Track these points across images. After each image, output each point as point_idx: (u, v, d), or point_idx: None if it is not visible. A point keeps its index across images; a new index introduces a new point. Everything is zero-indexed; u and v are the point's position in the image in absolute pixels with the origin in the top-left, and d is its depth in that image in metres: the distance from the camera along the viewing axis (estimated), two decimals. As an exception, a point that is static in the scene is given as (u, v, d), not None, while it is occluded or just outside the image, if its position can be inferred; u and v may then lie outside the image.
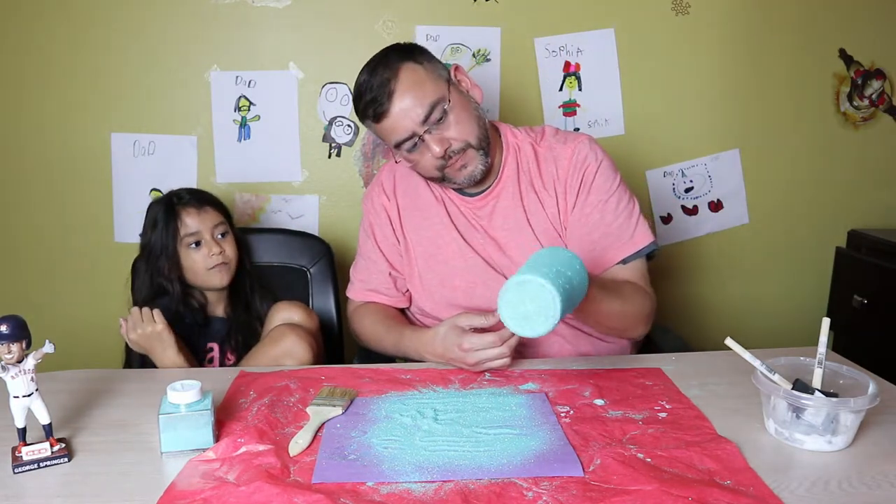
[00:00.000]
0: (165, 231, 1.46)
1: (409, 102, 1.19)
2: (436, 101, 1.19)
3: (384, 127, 1.22)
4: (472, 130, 1.23)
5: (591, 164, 1.29)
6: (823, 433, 0.89)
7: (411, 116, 1.19)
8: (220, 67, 1.90)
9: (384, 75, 1.20)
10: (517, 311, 0.94)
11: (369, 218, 1.44)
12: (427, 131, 1.20)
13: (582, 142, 1.31)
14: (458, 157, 1.23)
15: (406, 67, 1.20)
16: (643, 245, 1.28)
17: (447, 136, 1.21)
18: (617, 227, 1.28)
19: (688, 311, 2.12)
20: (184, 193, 1.52)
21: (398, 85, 1.19)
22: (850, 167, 2.08)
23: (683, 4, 1.94)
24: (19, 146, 1.91)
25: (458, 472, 0.84)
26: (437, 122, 1.20)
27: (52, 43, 1.86)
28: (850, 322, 1.99)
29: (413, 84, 1.19)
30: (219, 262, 1.48)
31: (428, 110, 1.19)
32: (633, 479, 0.81)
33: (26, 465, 0.87)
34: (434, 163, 1.23)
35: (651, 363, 1.21)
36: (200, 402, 0.91)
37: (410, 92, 1.19)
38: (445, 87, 1.22)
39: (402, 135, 1.21)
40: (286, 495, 0.78)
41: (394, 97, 1.19)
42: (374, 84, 1.21)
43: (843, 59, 2.01)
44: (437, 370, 1.18)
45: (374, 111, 1.21)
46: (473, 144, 1.23)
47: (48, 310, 1.97)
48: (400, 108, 1.19)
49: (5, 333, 0.84)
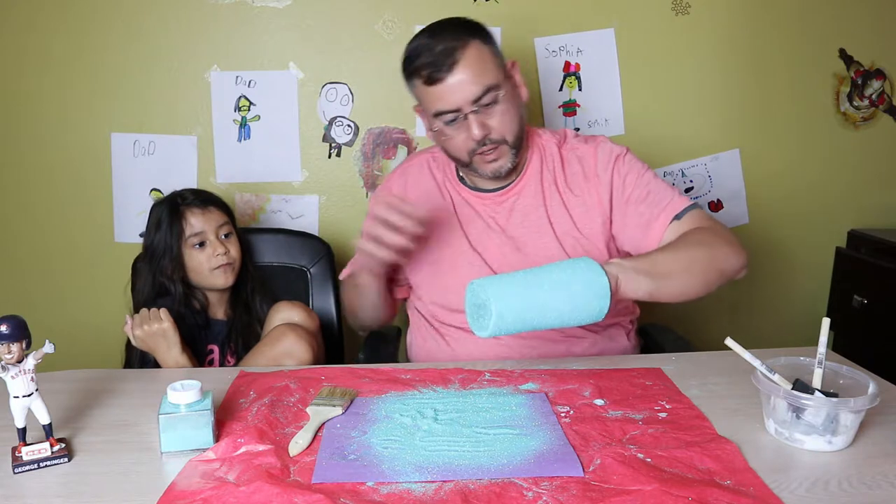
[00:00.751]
0: (170, 231, 1.46)
1: (468, 77, 1.18)
2: (492, 86, 1.20)
3: (433, 92, 1.21)
4: (512, 128, 1.24)
5: (618, 153, 1.32)
6: (823, 433, 0.89)
7: (465, 92, 1.19)
8: (220, 67, 1.90)
9: (451, 44, 1.19)
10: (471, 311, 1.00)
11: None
12: (474, 111, 1.20)
13: (603, 139, 1.36)
14: (492, 148, 1.23)
15: (475, 43, 1.20)
16: (688, 203, 1.27)
17: (489, 124, 1.22)
18: (659, 193, 1.28)
19: (688, 311, 2.12)
20: (188, 194, 1.52)
21: (463, 57, 1.18)
22: (850, 167, 2.08)
23: (683, 4, 1.94)
24: (19, 146, 1.91)
25: (458, 472, 0.84)
26: (485, 105, 1.20)
27: (52, 43, 1.86)
28: (850, 322, 1.99)
29: (477, 61, 1.19)
30: (223, 263, 1.48)
31: (483, 91, 1.19)
32: (633, 479, 0.81)
33: (26, 465, 0.86)
34: (468, 145, 1.23)
35: (651, 363, 1.20)
36: (200, 402, 0.91)
37: (472, 68, 1.19)
38: (502, 77, 1.23)
39: (449, 106, 1.21)
40: (286, 495, 0.78)
41: (455, 68, 1.18)
42: (437, 49, 1.19)
43: (843, 59, 2.01)
44: (437, 370, 1.18)
45: (430, 75, 1.20)
46: (509, 142, 1.25)
47: (48, 310, 1.97)
48: (457, 80, 1.19)
49: (5, 333, 0.84)
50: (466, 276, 1.31)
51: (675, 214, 1.25)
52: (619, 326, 1.39)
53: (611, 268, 1.03)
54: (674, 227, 1.25)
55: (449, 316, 1.36)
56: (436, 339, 1.39)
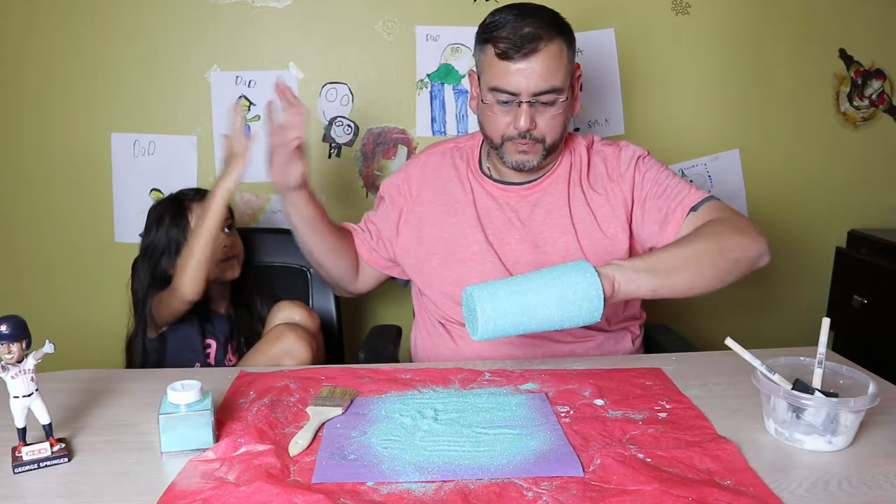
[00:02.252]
0: (175, 227, 1.47)
1: (540, 71, 1.19)
2: (557, 88, 1.21)
3: (503, 67, 1.20)
4: (555, 133, 1.25)
5: (639, 154, 1.35)
6: (823, 433, 0.89)
7: (531, 83, 1.19)
8: (220, 67, 1.90)
9: (538, 31, 1.19)
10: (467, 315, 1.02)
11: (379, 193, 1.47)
12: (529, 103, 1.21)
13: (626, 143, 1.37)
14: (529, 143, 1.24)
15: (559, 41, 1.21)
16: (706, 195, 1.28)
17: (538, 121, 1.22)
18: (675, 187, 1.29)
19: (688, 311, 2.12)
20: (189, 192, 1.54)
21: (544, 50, 1.19)
22: (850, 167, 2.07)
23: (683, 4, 1.94)
24: (19, 146, 1.91)
25: (458, 472, 0.84)
26: (543, 103, 1.21)
27: (52, 43, 1.86)
28: (850, 322, 1.99)
29: (555, 58, 1.20)
30: (230, 255, 1.49)
31: (547, 89, 1.20)
32: (633, 479, 0.81)
33: (26, 465, 0.87)
34: (508, 130, 1.24)
35: (651, 363, 1.21)
36: (200, 402, 0.91)
37: (548, 64, 1.19)
38: (568, 84, 1.24)
39: (511, 88, 1.20)
40: (286, 495, 0.78)
41: (533, 56, 1.18)
42: (525, 30, 1.18)
43: (843, 59, 2.01)
44: (437, 370, 1.18)
45: (508, 50, 1.19)
46: (547, 144, 1.26)
47: (48, 310, 1.97)
48: (530, 68, 1.19)
49: (5, 333, 0.84)
50: (479, 271, 1.32)
51: (692, 206, 1.25)
52: (627, 331, 1.39)
53: (607, 269, 1.02)
54: (690, 219, 1.25)
55: (456, 310, 1.35)
56: (442, 335, 1.38)
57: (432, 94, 1.93)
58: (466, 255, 1.33)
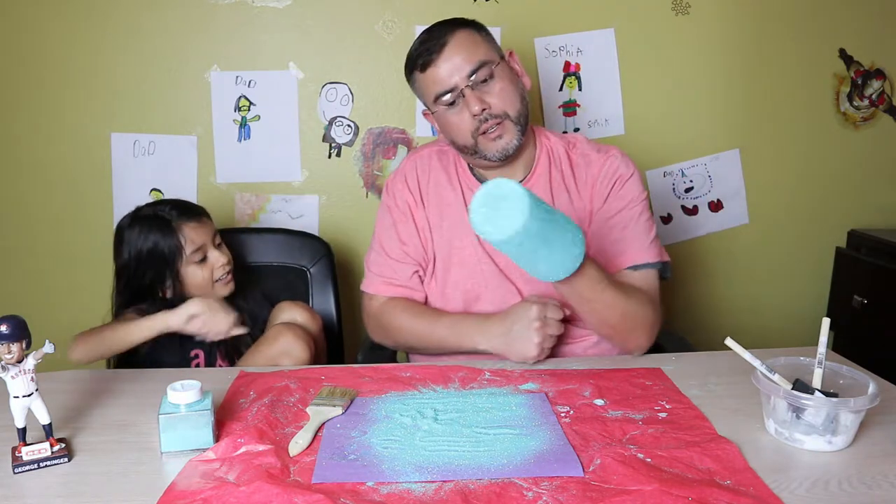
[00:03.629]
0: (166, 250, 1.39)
1: (459, 58, 1.22)
2: (484, 61, 1.22)
3: (428, 76, 1.24)
4: (513, 102, 1.25)
5: (622, 173, 1.31)
6: (823, 433, 0.89)
7: (458, 70, 1.22)
8: (220, 67, 1.90)
9: (439, 32, 1.24)
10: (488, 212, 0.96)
11: (392, 215, 1.39)
12: (470, 87, 1.22)
13: (615, 153, 1.34)
14: (495, 125, 1.23)
15: (464, 30, 1.24)
16: (656, 259, 1.28)
17: (487, 99, 1.23)
18: (634, 234, 1.28)
19: (688, 311, 2.12)
20: (168, 207, 1.43)
21: (452, 40, 1.22)
22: (850, 167, 2.08)
23: (683, 4, 1.94)
24: (19, 146, 1.91)
25: (458, 472, 0.84)
26: (481, 81, 1.22)
27: (52, 43, 1.86)
28: (850, 322, 1.99)
29: (467, 42, 1.23)
30: (227, 272, 1.45)
31: (475, 66, 1.21)
32: (633, 479, 0.81)
33: (26, 465, 0.87)
34: (470, 125, 1.23)
35: (651, 363, 1.21)
36: (200, 402, 0.91)
37: (462, 49, 1.22)
38: (497, 57, 1.25)
39: (445, 87, 1.23)
40: (286, 495, 0.78)
41: (444, 49, 1.22)
42: (429, 38, 1.25)
43: (843, 59, 2.01)
44: (438, 369, 1.18)
45: (423, 60, 1.24)
46: (512, 116, 1.24)
47: (48, 310, 1.97)
48: (448, 60, 1.22)
49: (5, 333, 0.84)
50: (475, 273, 1.32)
51: (635, 265, 1.26)
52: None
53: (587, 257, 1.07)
54: (626, 273, 1.27)
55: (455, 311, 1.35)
56: None
57: (432, 94, 1.93)
58: (463, 258, 1.33)
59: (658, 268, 1.29)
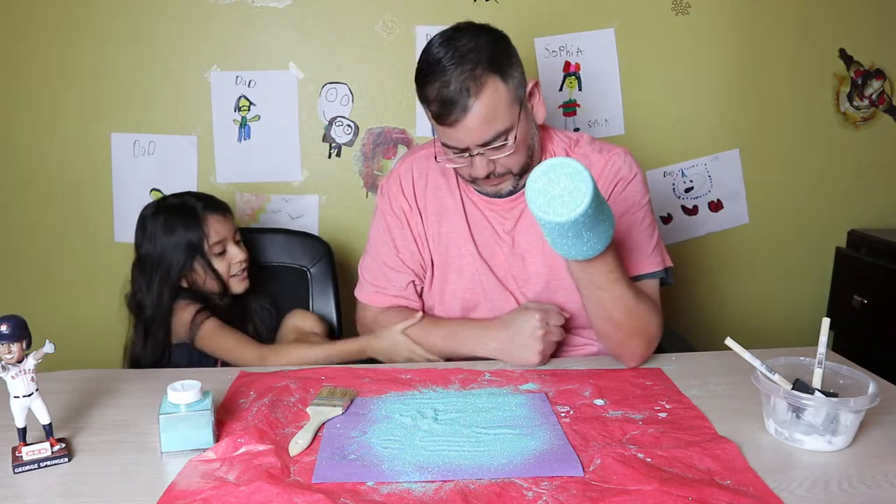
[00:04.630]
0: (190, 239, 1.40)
1: (478, 125, 1.12)
2: (503, 131, 1.14)
3: (442, 129, 1.16)
4: (519, 162, 1.20)
5: (624, 175, 1.26)
6: (823, 433, 0.89)
7: (474, 137, 1.14)
8: (220, 67, 1.90)
9: (466, 83, 1.10)
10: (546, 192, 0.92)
11: (386, 220, 1.35)
12: (480, 153, 1.16)
13: (618, 153, 1.28)
14: (495, 179, 1.21)
15: (491, 85, 1.12)
16: (659, 268, 1.25)
17: (496, 160, 1.18)
18: (636, 242, 1.25)
19: (688, 311, 2.12)
20: (195, 199, 1.46)
21: (477, 103, 1.11)
22: (850, 167, 2.08)
23: (683, 4, 1.94)
24: (19, 146, 1.91)
25: (458, 472, 0.84)
26: (494, 148, 1.16)
27: (52, 43, 1.86)
28: (850, 322, 1.99)
29: (490, 106, 1.12)
30: (244, 268, 1.47)
31: (492, 137, 1.14)
32: (633, 478, 0.81)
33: (26, 465, 0.87)
34: (469, 175, 1.21)
35: (651, 363, 1.21)
36: (200, 402, 0.91)
37: (485, 114, 1.12)
38: (517, 114, 1.16)
39: (457, 145, 1.16)
40: (286, 495, 0.78)
41: (466, 114, 1.11)
42: (451, 87, 1.11)
43: (843, 59, 2.01)
44: (437, 370, 1.18)
45: (438, 116, 1.14)
46: (514, 172, 1.21)
47: (48, 310, 1.97)
48: (466, 127, 1.12)
49: (5, 333, 0.84)
50: (474, 282, 1.30)
51: (637, 275, 1.23)
52: None
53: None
54: None
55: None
56: None
57: (432, 94, 1.93)
58: (462, 266, 1.31)
59: (660, 276, 1.27)
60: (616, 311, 1.13)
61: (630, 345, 1.17)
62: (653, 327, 1.18)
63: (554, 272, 1.27)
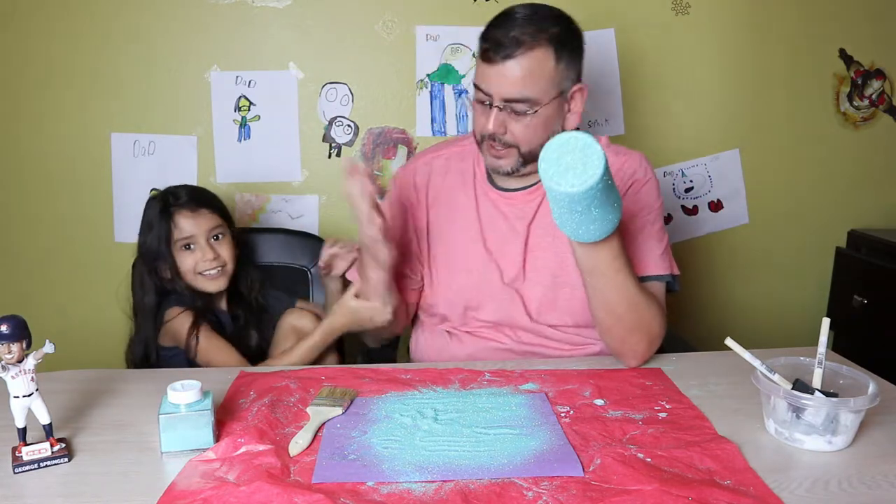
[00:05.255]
0: (159, 233, 1.43)
1: (513, 77, 1.15)
2: (531, 99, 1.17)
3: (481, 65, 1.19)
4: (529, 141, 1.21)
5: (640, 177, 1.28)
6: (823, 433, 0.89)
7: (503, 87, 1.16)
8: (220, 67, 1.90)
9: (523, 37, 1.15)
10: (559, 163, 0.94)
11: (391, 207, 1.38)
12: (499, 107, 1.18)
13: (635, 156, 1.30)
14: (501, 147, 1.22)
15: (542, 53, 1.16)
16: (666, 272, 1.26)
17: (509, 127, 1.20)
18: (646, 243, 1.25)
19: (688, 311, 2.12)
20: (182, 193, 1.48)
21: (522, 57, 1.15)
22: (850, 167, 2.08)
23: (683, 4, 1.94)
24: (19, 146, 1.91)
25: (458, 472, 0.84)
26: (515, 111, 1.18)
27: (52, 43, 1.86)
28: (850, 322, 1.99)
29: (534, 67, 1.16)
30: (212, 268, 1.45)
31: (518, 97, 1.17)
32: (633, 479, 0.81)
33: (26, 465, 0.86)
34: (481, 129, 1.22)
35: (651, 363, 1.21)
36: (200, 402, 0.91)
37: (524, 72, 1.15)
38: (551, 97, 1.19)
39: (482, 87, 1.19)
40: (286, 495, 0.78)
41: (507, 62, 1.15)
42: (511, 33, 1.15)
43: (843, 59, 2.01)
44: (437, 370, 1.18)
45: (486, 50, 1.17)
46: (521, 151, 1.22)
47: (48, 310, 1.97)
48: (501, 73, 1.16)
49: (5, 333, 0.84)
50: (482, 282, 1.30)
51: (644, 276, 1.23)
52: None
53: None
54: None
55: (460, 318, 1.34)
56: (447, 342, 1.36)
57: (432, 94, 1.93)
58: (469, 265, 1.32)
59: (667, 280, 1.27)
60: (617, 301, 1.14)
61: (631, 341, 1.17)
62: (655, 325, 1.18)
63: (562, 266, 1.27)
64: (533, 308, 1.29)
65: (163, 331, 1.43)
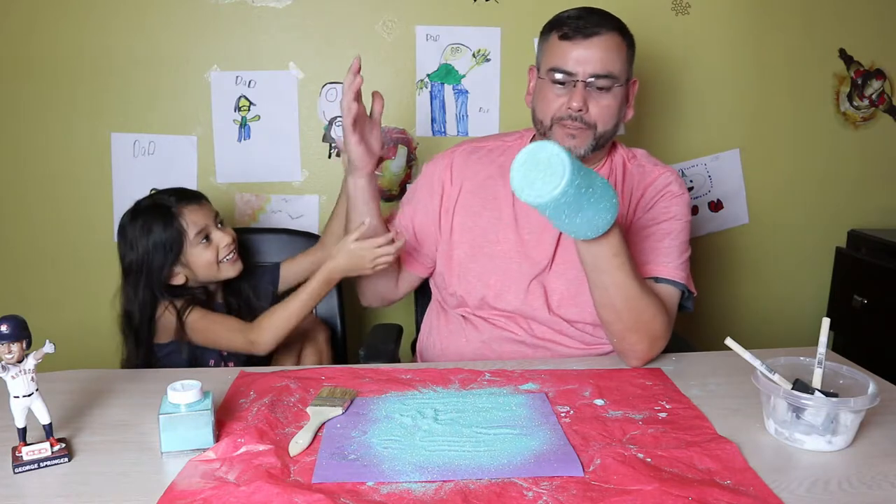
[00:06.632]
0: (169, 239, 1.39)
1: (599, 55, 1.21)
2: (614, 75, 1.23)
3: (563, 46, 1.23)
4: (606, 122, 1.26)
5: (672, 190, 1.32)
6: (823, 433, 0.90)
7: (590, 62, 1.21)
8: (220, 67, 1.90)
9: (601, 21, 1.23)
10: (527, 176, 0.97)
11: (420, 181, 1.44)
12: (585, 84, 1.22)
13: (671, 171, 1.36)
14: (579, 126, 1.24)
15: (620, 38, 1.25)
16: (681, 280, 1.26)
17: (590, 105, 1.23)
18: (668, 249, 1.27)
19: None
20: (168, 196, 1.45)
21: (605, 37, 1.22)
22: (850, 167, 2.07)
23: (683, 4, 1.94)
24: (18, 146, 1.91)
25: (458, 472, 0.84)
26: (598, 88, 1.23)
27: (52, 43, 1.85)
28: (850, 322, 1.99)
29: (615, 48, 1.23)
30: (233, 250, 1.46)
31: (604, 73, 1.22)
32: (633, 479, 0.81)
33: (26, 465, 0.87)
34: (560, 111, 1.24)
35: (651, 363, 1.21)
36: (200, 402, 0.91)
37: (606, 50, 1.22)
38: (625, 78, 1.26)
39: (569, 68, 1.22)
40: (286, 495, 0.78)
41: (594, 38, 1.21)
42: (590, 18, 1.23)
43: (843, 59, 2.01)
44: (437, 370, 1.18)
45: (570, 32, 1.22)
46: (598, 131, 1.26)
47: (48, 310, 1.97)
48: (587, 49, 1.21)
49: (5, 333, 0.84)
50: (505, 270, 1.32)
51: (660, 277, 1.25)
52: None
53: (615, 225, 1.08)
54: (649, 282, 1.25)
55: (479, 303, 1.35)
56: (463, 328, 1.37)
57: (432, 94, 1.93)
58: (494, 251, 1.33)
59: (681, 289, 1.27)
60: (617, 298, 1.15)
61: (630, 340, 1.18)
62: (656, 326, 1.18)
63: None
64: (554, 300, 1.31)
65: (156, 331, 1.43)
